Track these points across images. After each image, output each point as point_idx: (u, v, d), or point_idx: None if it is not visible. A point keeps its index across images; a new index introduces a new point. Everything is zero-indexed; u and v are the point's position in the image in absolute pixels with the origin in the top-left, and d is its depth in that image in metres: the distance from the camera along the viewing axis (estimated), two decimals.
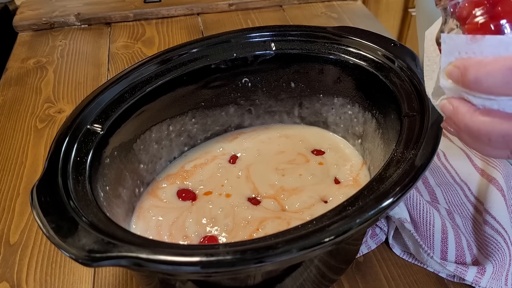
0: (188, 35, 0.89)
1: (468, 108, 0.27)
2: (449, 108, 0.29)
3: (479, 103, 0.27)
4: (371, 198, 0.31)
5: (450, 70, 0.27)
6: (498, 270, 0.42)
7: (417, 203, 0.46)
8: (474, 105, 0.27)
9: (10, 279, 0.46)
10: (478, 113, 0.27)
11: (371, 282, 0.44)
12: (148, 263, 0.28)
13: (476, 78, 0.25)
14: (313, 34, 0.50)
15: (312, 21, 0.92)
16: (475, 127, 0.27)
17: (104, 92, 0.44)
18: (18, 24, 0.92)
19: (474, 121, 0.27)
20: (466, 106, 0.27)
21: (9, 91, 0.75)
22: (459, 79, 0.26)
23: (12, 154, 0.62)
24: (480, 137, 0.27)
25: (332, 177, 0.48)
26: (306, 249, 0.28)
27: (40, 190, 0.34)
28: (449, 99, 0.29)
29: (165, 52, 0.49)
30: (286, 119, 0.55)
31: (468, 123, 0.27)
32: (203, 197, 0.47)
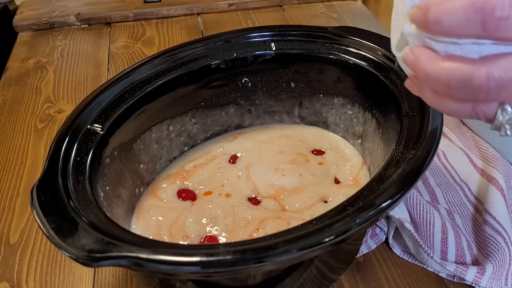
0: (188, 35, 0.89)
1: (430, 54, 0.26)
2: (411, 57, 0.27)
3: (442, 48, 0.25)
4: (371, 198, 0.31)
5: (413, 12, 0.25)
6: (498, 270, 0.42)
7: (417, 203, 0.46)
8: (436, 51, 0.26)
9: (10, 279, 0.46)
10: (439, 59, 0.25)
11: (371, 282, 0.44)
12: (148, 263, 0.28)
13: (437, 17, 0.24)
14: (313, 34, 0.50)
15: (312, 21, 0.92)
16: (434, 74, 0.26)
17: (104, 92, 0.44)
18: (18, 24, 0.92)
19: (434, 68, 0.25)
20: (428, 53, 0.26)
21: (9, 91, 0.75)
22: (421, 20, 0.25)
23: (12, 154, 0.62)
24: (440, 84, 0.26)
25: (332, 177, 0.48)
26: (306, 249, 0.28)
27: (40, 190, 0.34)
28: (412, 48, 0.27)
29: (165, 52, 0.49)
30: (286, 119, 0.55)
31: (428, 71, 0.26)
32: (203, 197, 0.47)
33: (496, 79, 0.24)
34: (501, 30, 0.23)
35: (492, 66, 0.24)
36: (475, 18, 0.23)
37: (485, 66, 0.24)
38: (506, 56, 0.24)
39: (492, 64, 0.24)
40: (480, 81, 0.24)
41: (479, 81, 0.24)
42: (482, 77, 0.24)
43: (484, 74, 0.24)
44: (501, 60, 0.24)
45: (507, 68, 0.24)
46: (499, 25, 0.23)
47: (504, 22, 0.22)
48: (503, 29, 0.23)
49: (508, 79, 0.24)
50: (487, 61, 0.24)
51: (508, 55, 0.24)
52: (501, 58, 0.24)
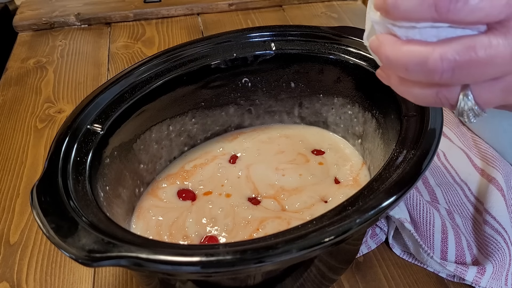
0: (188, 35, 0.89)
1: (392, 40, 0.27)
2: (375, 43, 0.28)
3: (403, 34, 0.26)
4: (371, 198, 0.31)
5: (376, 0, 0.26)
6: (498, 270, 0.42)
7: (417, 203, 0.46)
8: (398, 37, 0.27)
9: (10, 279, 0.46)
10: (399, 43, 0.26)
11: (371, 282, 0.44)
12: (148, 263, 0.28)
13: (395, 1, 0.25)
14: (313, 34, 0.50)
15: (312, 21, 0.92)
16: (394, 57, 0.26)
17: (104, 92, 0.44)
18: (18, 24, 0.92)
19: (393, 51, 0.26)
20: (390, 38, 0.27)
21: (9, 91, 0.75)
22: (382, 6, 0.26)
23: (12, 154, 0.62)
24: (399, 68, 0.26)
25: (332, 177, 0.48)
26: (306, 249, 0.28)
27: (40, 190, 0.34)
28: (377, 35, 0.28)
29: (165, 52, 0.49)
30: (286, 119, 0.55)
31: (389, 54, 0.27)
32: (203, 197, 0.47)
33: (449, 60, 0.24)
34: (452, 12, 0.23)
35: (446, 48, 0.25)
36: (428, 1, 0.23)
37: (439, 48, 0.25)
38: (461, 39, 0.25)
39: (446, 46, 0.25)
40: (435, 63, 0.25)
41: (434, 62, 0.25)
42: (436, 59, 0.25)
43: (438, 55, 0.25)
44: (455, 42, 0.25)
45: (460, 49, 0.24)
46: (450, 7, 0.23)
47: (454, 5, 0.23)
48: (455, 11, 0.23)
49: (461, 60, 0.24)
50: (442, 44, 0.25)
51: (462, 37, 0.25)
52: (456, 40, 0.25)
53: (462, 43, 0.24)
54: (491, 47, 0.24)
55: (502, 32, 0.24)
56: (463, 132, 0.59)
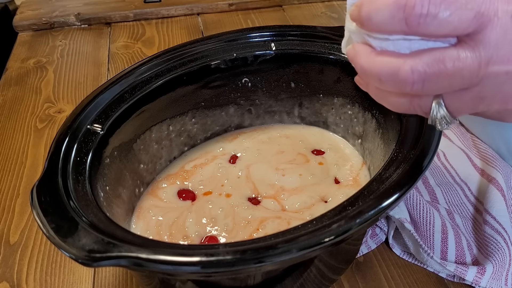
0: (188, 35, 0.89)
1: (367, 50, 0.27)
2: (351, 52, 0.29)
3: (377, 44, 0.27)
4: (371, 198, 0.31)
5: (351, 11, 0.27)
6: (498, 270, 0.42)
7: (417, 203, 0.46)
8: (373, 48, 0.27)
9: (10, 279, 0.46)
10: (374, 54, 0.27)
11: (371, 282, 0.44)
12: (148, 263, 0.28)
13: (368, 14, 0.26)
14: (313, 34, 0.50)
15: (312, 21, 0.92)
16: (368, 67, 0.27)
17: (104, 92, 0.44)
18: (18, 24, 0.92)
19: (368, 62, 0.27)
20: (366, 49, 0.28)
21: (9, 91, 0.75)
22: (357, 17, 0.27)
23: (12, 154, 0.62)
24: (372, 77, 0.27)
25: (332, 177, 0.48)
26: (306, 249, 0.28)
27: (40, 190, 0.34)
28: (353, 44, 0.29)
29: (165, 52, 0.49)
30: (286, 119, 0.55)
31: (363, 64, 0.27)
32: (203, 197, 0.47)
33: (419, 72, 0.25)
34: (422, 26, 0.24)
35: (416, 60, 0.25)
36: (399, 15, 0.24)
37: (410, 60, 0.26)
38: (431, 51, 0.25)
39: (417, 58, 0.25)
40: (405, 74, 0.26)
41: (404, 74, 0.26)
42: (407, 70, 0.25)
43: (409, 67, 0.25)
44: (425, 55, 0.25)
45: (430, 62, 0.25)
46: (420, 21, 0.24)
47: (424, 19, 0.24)
48: (424, 25, 0.24)
49: (431, 72, 0.25)
50: (413, 56, 0.26)
51: (433, 50, 0.25)
52: (426, 52, 0.25)
53: (432, 56, 0.25)
54: (459, 60, 0.25)
55: (471, 45, 0.25)
56: (462, 132, 0.59)
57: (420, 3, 0.24)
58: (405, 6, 0.24)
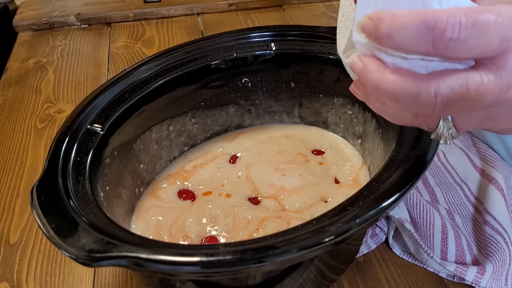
0: (188, 35, 0.89)
1: (378, 65, 0.26)
2: (359, 66, 0.27)
3: (390, 61, 0.25)
4: (371, 198, 0.31)
5: (364, 22, 0.25)
6: (498, 270, 0.42)
7: (417, 203, 0.46)
8: (385, 63, 0.26)
9: (10, 279, 0.46)
10: (388, 71, 0.25)
11: (371, 282, 0.44)
12: (148, 263, 0.28)
13: (389, 31, 0.24)
14: (313, 34, 0.50)
15: (312, 21, 0.92)
16: (383, 86, 0.26)
17: (104, 92, 0.44)
18: (18, 24, 0.92)
19: (383, 80, 0.26)
20: (376, 64, 0.26)
21: (9, 91, 0.75)
22: (372, 32, 0.25)
23: (12, 154, 0.62)
24: (388, 97, 0.26)
25: (332, 177, 0.48)
26: (306, 249, 0.28)
27: (40, 190, 0.34)
28: (360, 56, 0.27)
29: (165, 52, 0.49)
30: (286, 119, 0.55)
31: (377, 82, 0.26)
32: (203, 197, 0.47)
33: (443, 97, 0.24)
34: (450, 50, 0.23)
35: (439, 84, 0.24)
36: (426, 37, 0.23)
37: (433, 83, 0.24)
38: (453, 73, 0.24)
39: (439, 81, 0.24)
40: (428, 98, 0.25)
41: (427, 98, 0.25)
42: (430, 94, 0.24)
43: (432, 91, 0.24)
44: (448, 77, 0.24)
45: (454, 85, 0.24)
46: (449, 45, 0.23)
47: (454, 43, 0.23)
48: (453, 49, 0.23)
49: (454, 96, 0.24)
50: (435, 78, 0.24)
51: (454, 72, 0.24)
52: (448, 75, 0.24)
53: (455, 80, 0.24)
54: (483, 84, 0.24)
55: (493, 69, 0.24)
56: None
57: (451, 27, 0.22)
58: (434, 28, 0.23)
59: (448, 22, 0.23)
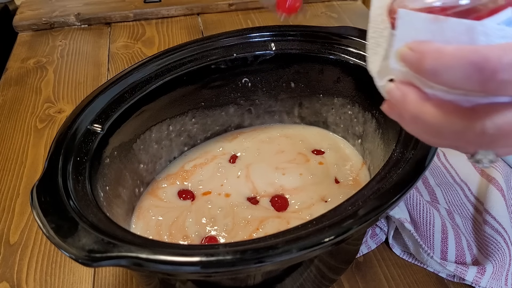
0: (188, 35, 0.89)
1: (418, 96, 0.25)
2: (397, 94, 0.25)
3: (430, 92, 0.24)
4: (371, 198, 0.31)
5: (404, 52, 0.24)
6: (498, 270, 0.42)
7: (417, 203, 0.46)
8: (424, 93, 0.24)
9: (10, 279, 0.46)
10: (430, 104, 0.24)
11: (371, 282, 0.44)
12: (148, 263, 0.28)
13: (434, 68, 0.22)
14: (313, 34, 0.50)
15: (312, 21, 0.92)
16: (424, 118, 0.24)
17: (104, 92, 0.44)
18: (18, 24, 0.92)
19: (424, 112, 0.24)
20: (416, 94, 0.25)
21: (9, 91, 0.75)
22: (413, 64, 0.23)
23: (12, 154, 0.62)
24: (429, 131, 0.25)
25: (332, 177, 0.48)
26: (306, 249, 0.28)
27: (40, 190, 0.34)
28: (398, 84, 0.25)
29: (165, 52, 0.49)
30: (286, 119, 0.55)
31: (417, 114, 0.25)
32: (203, 197, 0.47)
33: (489, 135, 0.23)
34: (500, 90, 0.22)
35: (486, 121, 0.23)
36: (476, 77, 0.22)
37: (480, 121, 0.23)
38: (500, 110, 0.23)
39: (486, 118, 0.23)
40: (474, 137, 0.24)
41: (473, 136, 0.24)
42: (477, 133, 0.23)
43: (478, 130, 0.23)
44: (495, 115, 0.23)
45: (501, 123, 0.23)
46: (500, 87, 0.22)
47: (505, 84, 0.22)
48: (504, 89, 0.22)
49: (501, 134, 0.23)
50: (481, 115, 0.23)
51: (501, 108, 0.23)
52: (495, 112, 0.23)
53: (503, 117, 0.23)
54: None
55: None
56: None
57: (502, 68, 0.21)
58: (483, 69, 0.21)
59: (500, 63, 0.21)
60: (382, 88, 0.27)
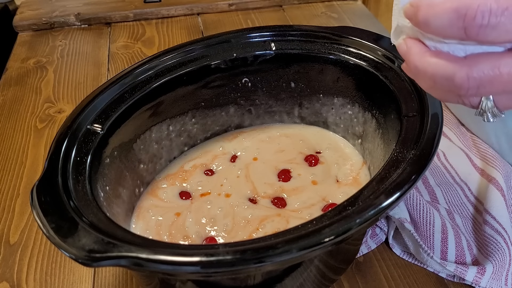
0: (188, 35, 0.89)
1: (420, 49, 0.28)
2: (403, 48, 0.29)
3: (431, 45, 0.27)
4: (371, 198, 0.31)
5: (406, 8, 0.27)
6: (498, 270, 0.42)
7: (417, 203, 0.46)
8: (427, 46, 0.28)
9: (10, 279, 0.46)
10: (428, 55, 0.27)
11: (371, 282, 0.44)
12: (148, 263, 0.28)
13: (425, 18, 0.26)
14: (313, 34, 0.50)
15: (312, 21, 0.92)
16: (422, 68, 0.28)
17: (104, 92, 0.44)
18: (18, 24, 0.92)
19: (422, 62, 0.28)
20: (419, 47, 0.28)
21: (9, 91, 0.75)
22: (412, 18, 0.27)
23: (12, 154, 0.62)
24: (426, 78, 0.28)
25: (332, 176, 0.48)
26: (306, 249, 0.28)
27: (40, 190, 0.34)
28: (405, 39, 0.29)
29: (165, 52, 0.49)
30: (286, 119, 0.55)
31: (417, 64, 0.28)
32: (203, 197, 0.47)
33: (475, 79, 0.26)
34: (481, 35, 0.24)
35: (472, 67, 0.26)
36: (458, 24, 0.25)
37: (466, 66, 0.26)
38: (487, 57, 0.26)
39: (472, 64, 0.26)
40: (461, 80, 0.26)
41: (460, 80, 0.26)
42: (463, 77, 0.26)
43: (465, 74, 0.26)
44: (481, 61, 0.26)
45: (485, 68, 0.26)
46: (480, 31, 0.24)
47: (484, 29, 0.24)
48: (483, 34, 0.24)
49: (486, 79, 0.26)
50: (469, 61, 0.26)
51: (489, 55, 0.26)
52: (482, 58, 0.26)
53: (488, 63, 0.26)
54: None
55: None
56: (462, 132, 0.59)
57: (481, 14, 0.24)
58: (465, 16, 0.24)
59: (478, 9, 0.24)
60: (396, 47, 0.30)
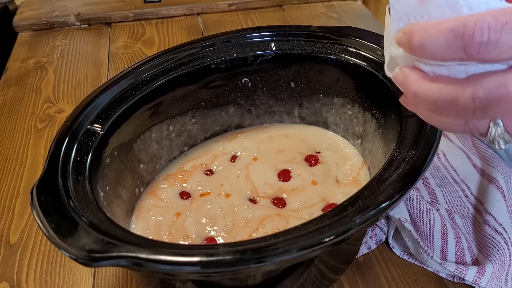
0: (188, 35, 0.89)
1: (418, 75, 0.26)
2: (400, 77, 0.27)
3: (429, 70, 0.26)
4: (371, 198, 0.31)
5: (398, 37, 0.26)
6: (498, 270, 0.42)
7: (417, 203, 0.46)
8: (425, 72, 0.26)
9: (10, 279, 0.46)
10: (427, 80, 0.26)
11: (371, 282, 0.44)
12: (148, 263, 0.28)
13: (421, 43, 0.24)
14: (313, 34, 0.50)
15: (312, 21, 0.92)
16: (422, 94, 0.26)
17: (104, 92, 0.44)
18: (18, 24, 0.92)
19: (421, 88, 0.26)
20: (416, 74, 0.26)
21: (9, 91, 0.75)
22: (406, 45, 0.25)
23: (12, 154, 0.62)
24: (428, 105, 0.26)
25: (332, 176, 0.48)
26: (306, 249, 0.28)
27: (40, 190, 0.34)
28: (401, 68, 0.27)
29: (165, 52, 0.49)
30: (286, 119, 0.55)
31: (416, 91, 0.26)
32: (203, 197, 0.47)
33: (481, 99, 0.24)
34: (482, 53, 0.23)
35: (476, 86, 0.24)
36: (456, 44, 0.23)
37: (470, 87, 0.24)
38: (491, 75, 0.24)
39: (476, 84, 0.24)
40: (466, 102, 0.24)
41: (465, 101, 0.24)
42: (468, 98, 0.24)
43: (469, 94, 0.24)
44: (485, 79, 0.24)
45: (492, 87, 0.24)
46: (480, 49, 0.23)
47: (484, 47, 0.23)
48: (485, 52, 0.23)
49: (493, 98, 0.24)
50: (472, 81, 0.24)
51: (492, 73, 0.24)
52: (486, 77, 0.24)
53: (493, 81, 0.24)
54: None
55: None
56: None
57: (480, 31, 0.22)
58: (463, 34, 0.23)
59: (476, 26, 0.23)
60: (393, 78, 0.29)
